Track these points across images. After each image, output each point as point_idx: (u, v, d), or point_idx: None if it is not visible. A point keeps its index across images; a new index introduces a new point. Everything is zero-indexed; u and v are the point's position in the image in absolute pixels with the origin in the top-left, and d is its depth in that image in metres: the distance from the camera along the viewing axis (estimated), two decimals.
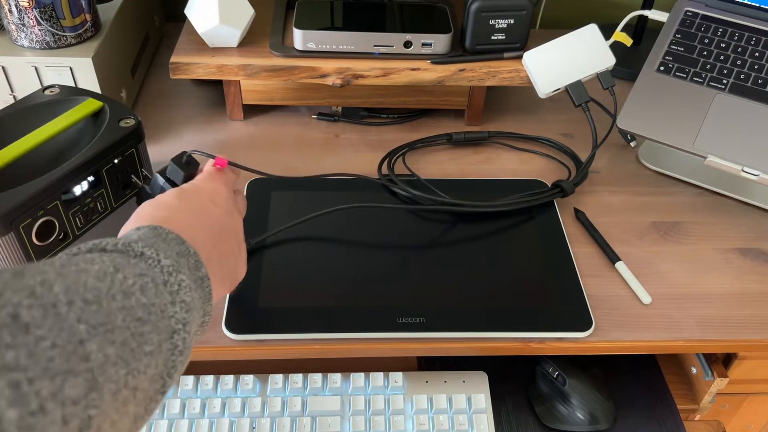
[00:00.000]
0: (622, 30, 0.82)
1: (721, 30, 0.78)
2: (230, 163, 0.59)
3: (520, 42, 0.79)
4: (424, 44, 0.77)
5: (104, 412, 0.33)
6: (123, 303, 0.37)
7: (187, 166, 0.59)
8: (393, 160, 0.78)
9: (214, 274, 0.48)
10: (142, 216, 0.48)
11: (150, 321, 0.38)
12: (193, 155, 0.60)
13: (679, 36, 0.79)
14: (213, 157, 0.58)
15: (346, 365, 0.69)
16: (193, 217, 0.50)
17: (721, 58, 0.77)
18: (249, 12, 0.78)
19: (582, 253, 0.69)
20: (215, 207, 0.52)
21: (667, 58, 0.78)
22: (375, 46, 0.77)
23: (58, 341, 0.31)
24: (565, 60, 0.76)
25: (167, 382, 0.40)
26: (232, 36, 0.77)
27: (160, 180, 0.59)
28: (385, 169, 0.76)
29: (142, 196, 0.60)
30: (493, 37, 0.78)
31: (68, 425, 0.30)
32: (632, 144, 0.83)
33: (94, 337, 0.33)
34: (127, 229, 0.48)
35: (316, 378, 0.65)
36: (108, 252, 0.41)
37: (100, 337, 0.34)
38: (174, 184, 0.58)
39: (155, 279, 0.40)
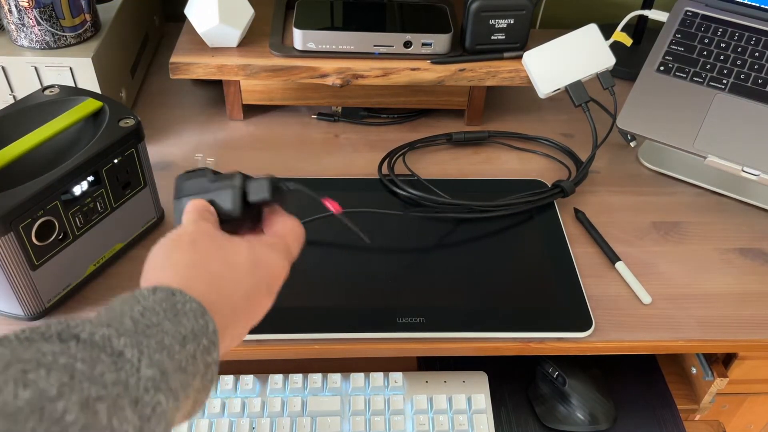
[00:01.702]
0: (622, 30, 0.82)
1: (721, 30, 0.78)
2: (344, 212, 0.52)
3: (520, 42, 0.79)
4: (424, 44, 0.77)
5: None
6: None
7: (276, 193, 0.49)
8: (393, 160, 0.78)
9: (233, 335, 0.43)
10: (168, 263, 0.42)
11: None
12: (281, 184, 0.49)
13: (679, 36, 0.79)
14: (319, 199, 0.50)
15: (346, 365, 0.69)
16: (226, 268, 0.43)
17: (721, 58, 0.77)
18: (249, 12, 0.78)
19: (582, 253, 0.69)
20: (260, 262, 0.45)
21: (667, 58, 0.78)
22: (375, 46, 0.77)
23: None
24: (565, 60, 0.76)
25: None
26: (232, 36, 0.77)
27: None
28: (385, 169, 0.76)
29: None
30: (493, 37, 0.78)
31: None
32: (632, 144, 0.83)
33: None
34: (148, 276, 0.42)
35: (316, 378, 0.65)
36: (80, 342, 0.34)
37: None
38: (246, 204, 0.49)
39: (118, 401, 0.32)
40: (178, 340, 0.37)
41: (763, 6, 0.78)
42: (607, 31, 0.80)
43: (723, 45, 0.77)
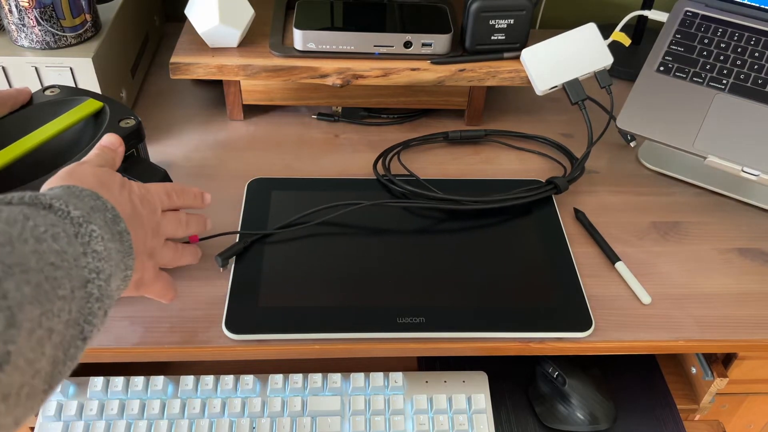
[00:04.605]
0: (622, 30, 0.82)
1: (721, 30, 0.78)
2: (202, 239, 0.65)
3: (520, 42, 0.79)
4: (424, 44, 0.77)
5: (21, 349, 0.34)
6: (35, 247, 0.38)
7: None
8: (388, 159, 0.78)
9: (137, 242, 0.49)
10: (58, 178, 0.49)
11: (62, 267, 0.39)
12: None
13: (679, 36, 0.79)
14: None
15: (346, 365, 0.69)
16: (115, 186, 0.50)
17: (721, 58, 0.77)
18: (249, 12, 0.78)
19: (582, 253, 0.69)
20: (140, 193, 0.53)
21: (666, 58, 0.78)
22: (375, 46, 0.77)
23: None
24: (563, 58, 0.76)
25: (85, 329, 0.41)
26: (232, 36, 0.77)
27: None
28: (380, 168, 0.76)
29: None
30: (493, 37, 0.78)
31: None
32: (632, 144, 0.83)
33: (10, 276, 0.35)
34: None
35: (316, 378, 0.65)
36: (15, 204, 0.41)
37: (16, 277, 0.35)
38: None
39: (66, 230, 0.41)
40: (88, 207, 0.44)
41: (763, 6, 0.78)
42: (606, 31, 0.80)
43: (723, 45, 0.77)
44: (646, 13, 0.85)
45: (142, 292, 0.54)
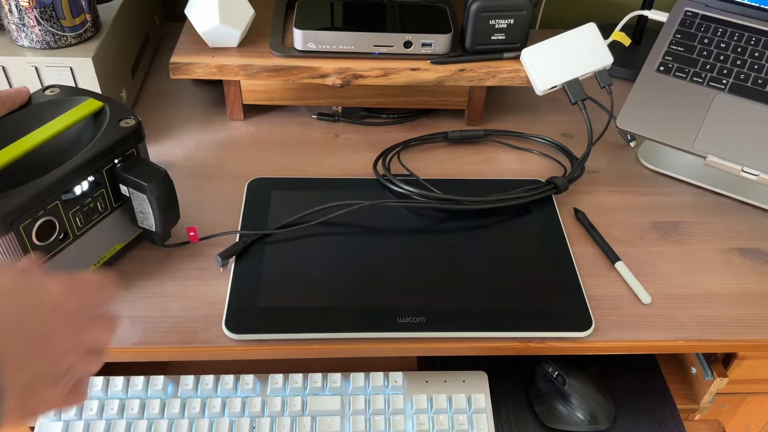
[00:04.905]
0: (622, 30, 0.82)
1: (721, 30, 0.78)
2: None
3: (520, 42, 0.79)
4: (424, 44, 0.77)
5: None
6: None
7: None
8: (388, 159, 0.78)
9: (14, 400, 0.38)
10: None
11: None
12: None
13: (679, 36, 0.79)
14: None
15: (346, 365, 0.69)
16: (17, 323, 0.39)
17: (721, 58, 0.77)
18: (249, 12, 0.78)
19: (582, 253, 0.69)
20: (55, 319, 0.41)
21: (666, 58, 0.78)
22: (375, 46, 0.77)
23: None
24: (563, 58, 0.76)
25: None
26: (232, 36, 0.77)
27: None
28: (380, 168, 0.76)
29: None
30: (493, 37, 0.78)
31: None
32: (632, 144, 0.83)
33: None
34: None
35: (316, 378, 0.65)
36: None
37: None
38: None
39: None
40: None
41: (763, 6, 0.78)
42: (606, 31, 0.80)
43: (723, 45, 0.77)
44: (646, 13, 0.85)
45: (39, 415, 0.43)
